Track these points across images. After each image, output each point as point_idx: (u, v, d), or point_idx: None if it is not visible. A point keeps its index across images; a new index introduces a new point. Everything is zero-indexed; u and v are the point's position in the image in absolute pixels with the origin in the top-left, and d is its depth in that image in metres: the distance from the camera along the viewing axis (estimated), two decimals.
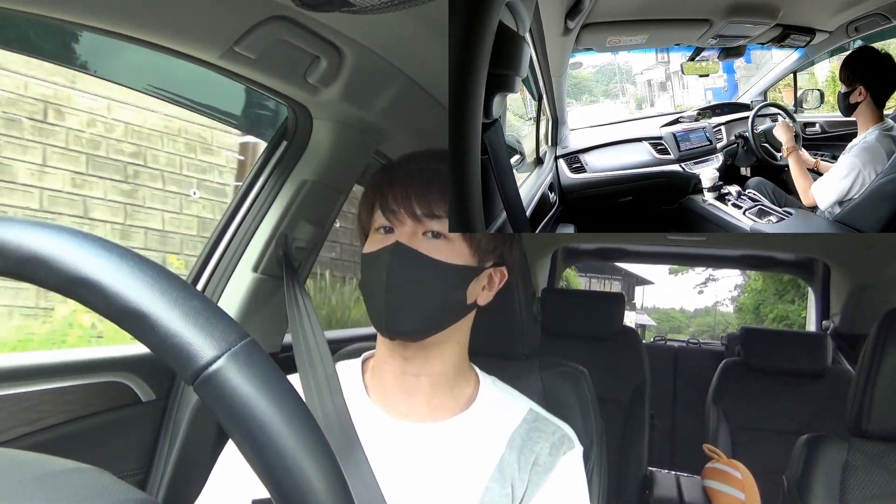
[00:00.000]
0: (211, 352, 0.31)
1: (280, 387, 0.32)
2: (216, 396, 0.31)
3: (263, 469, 0.31)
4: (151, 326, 0.31)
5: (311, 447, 0.31)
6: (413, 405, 0.80)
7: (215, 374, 0.31)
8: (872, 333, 1.15)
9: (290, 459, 0.31)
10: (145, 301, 0.31)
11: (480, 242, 0.78)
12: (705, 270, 15.22)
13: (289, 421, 0.31)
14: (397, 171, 0.79)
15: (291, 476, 0.31)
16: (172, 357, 0.31)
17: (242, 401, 0.31)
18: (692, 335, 8.87)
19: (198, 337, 0.31)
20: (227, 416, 0.31)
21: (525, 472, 0.78)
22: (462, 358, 0.84)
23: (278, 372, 0.33)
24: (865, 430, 1.12)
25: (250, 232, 1.22)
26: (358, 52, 1.03)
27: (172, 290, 0.32)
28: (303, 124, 1.21)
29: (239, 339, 0.32)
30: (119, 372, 1.06)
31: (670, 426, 3.14)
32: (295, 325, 0.90)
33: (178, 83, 1.33)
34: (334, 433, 0.74)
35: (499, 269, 0.82)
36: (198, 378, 0.31)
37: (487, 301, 0.83)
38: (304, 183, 1.23)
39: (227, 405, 0.31)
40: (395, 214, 0.76)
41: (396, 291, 0.75)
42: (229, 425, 0.31)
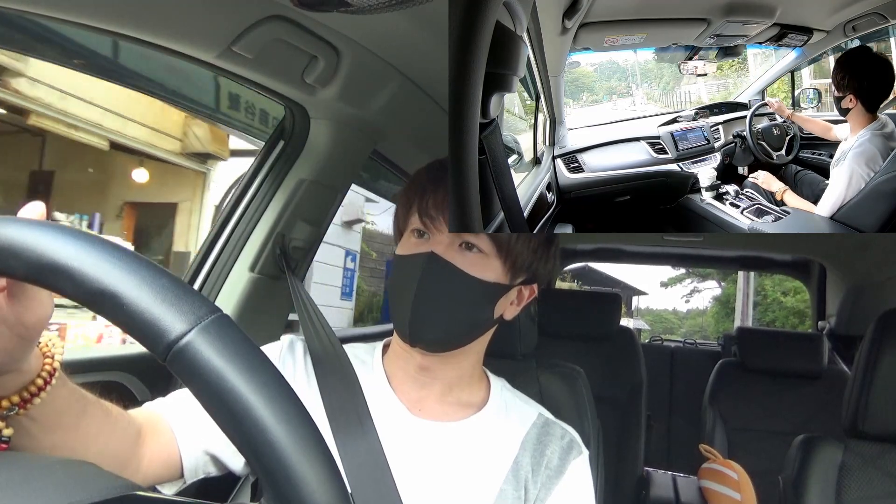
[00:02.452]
0: (181, 326, 0.31)
1: (253, 358, 0.32)
2: (188, 369, 0.31)
3: (240, 439, 0.31)
4: (121, 305, 0.31)
5: (286, 416, 0.31)
6: (425, 403, 0.80)
7: (186, 347, 0.31)
8: (868, 334, 1.15)
9: (264, 428, 0.30)
10: (113, 281, 0.31)
11: (516, 259, 0.76)
12: (695, 278, 15.47)
13: (262, 390, 0.31)
14: (440, 176, 0.77)
15: (268, 445, 0.30)
16: (144, 334, 0.31)
17: (214, 372, 0.31)
18: (685, 336, 8.92)
19: (167, 312, 0.31)
20: (200, 389, 0.31)
21: (538, 475, 0.78)
22: (477, 364, 0.84)
23: (251, 344, 0.33)
24: (861, 431, 1.12)
25: (247, 231, 1.22)
26: (355, 51, 1.03)
27: (140, 269, 0.32)
28: (300, 124, 1.21)
29: (209, 314, 0.32)
30: (115, 371, 1.05)
31: (667, 426, 3.15)
32: (305, 322, 0.90)
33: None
34: (350, 420, 0.73)
35: (529, 286, 0.81)
36: (169, 353, 0.31)
37: (514, 315, 0.82)
38: (301, 182, 1.23)
39: (199, 377, 0.31)
40: (433, 220, 0.75)
41: (425, 302, 0.74)
42: (203, 397, 0.31)
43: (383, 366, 0.84)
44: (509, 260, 0.76)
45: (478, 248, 0.75)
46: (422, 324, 0.75)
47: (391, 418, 0.78)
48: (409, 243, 0.77)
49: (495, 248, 0.75)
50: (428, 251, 0.74)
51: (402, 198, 0.81)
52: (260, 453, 0.30)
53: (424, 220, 0.76)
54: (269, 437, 0.30)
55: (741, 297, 11.51)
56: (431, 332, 0.76)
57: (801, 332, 3.20)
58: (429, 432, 0.78)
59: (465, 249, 0.75)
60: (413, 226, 0.77)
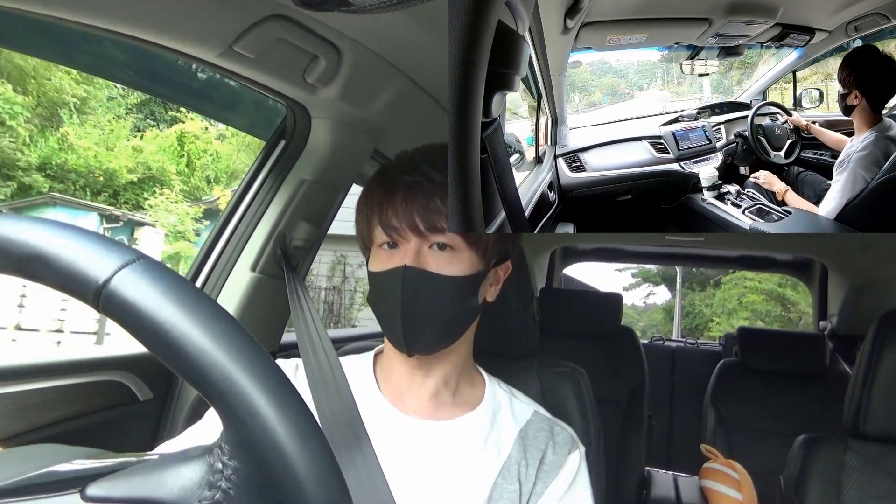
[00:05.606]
0: (109, 268, 0.31)
1: (183, 287, 0.32)
2: (121, 309, 0.31)
3: (183, 369, 0.31)
4: (48, 265, 0.32)
5: (225, 337, 0.31)
6: (420, 402, 0.80)
7: (116, 288, 0.31)
8: (870, 334, 1.15)
9: (203, 350, 0.30)
10: (36, 245, 0.32)
11: (486, 245, 0.77)
12: (650, 284, 17.25)
13: (197, 316, 0.31)
14: (392, 184, 0.77)
15: (211, 367, 0.30)
16: (74, 287, 0.32)
17: (146, 306, 0.31)
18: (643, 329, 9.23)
19: (94, 260, 0.32)
20: (136, 326, 0.31)
21: (533, 470, 0.79)
22: (468, 355, 0.85)
23: (180, 277, 0.33)
24: (863, 431, 1.12)
25: (248, 231, 1.22)
26: (356, 51, 1.03)
27: (64, 230, 0.33)
28: (301, 123, 1.21)
29: (138, 257, 0.32)
30: (117, 371, 1.06)
31: (668, 426, 3.14)
32: (299, 322, 0.90)
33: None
34: (342, 426, 0.73)
35: (503, 265, 0.82)
36: (101, 297, 0.31)
37: (495, 296, 0.83)
38: (302, 182, 1.23)
39: (132, 314, 0.31)
40: (397, 231, 0.75)
41: (412, 315, 0.74)
42: (140, 334, 0.31)
43: (375, 369, 0.84)
44: (480, 247, 0.76)
45: (449, 246, 0.75)
46: (415, 334, 0.75)
47: (385, 420, 0.78)
48: (379, 258, 0.77)
49: (465, 241, 0.75)
50: (401, 265, 0.73)
51: (360, 214, 0.80)
52: (205, 378, 0.30)
53: (389, 232, 0.75)
54: (210, 359, 0.30)
55: (677, 307, 14.60)
56: (426, 339, 0.76)
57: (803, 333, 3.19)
58: (424, 432, 0.78)
59: (438, 250, 0.75)
60: (379, 239, 0.77)
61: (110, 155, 10.52)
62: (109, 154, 10.50)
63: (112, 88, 10.83)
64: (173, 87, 1.31)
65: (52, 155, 9.79)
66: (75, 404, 0.99)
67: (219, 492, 0.31)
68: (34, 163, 9.42)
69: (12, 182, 9.15)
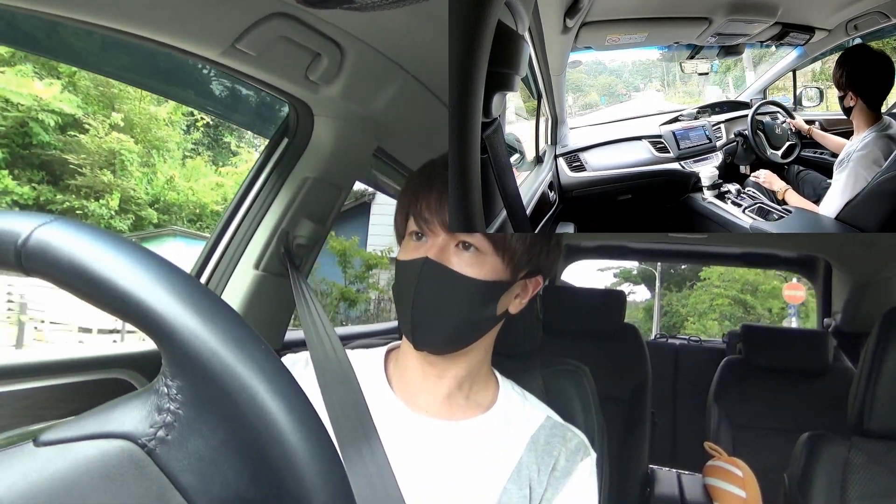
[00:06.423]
0: (28, 227, 0.32)
1: (105, 234, 0.32)
2: (42, 261, 0.31)
3: (111, 305, 0.31)
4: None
5: (151, 275, 0.31)
6: (433, 402, 0.80)
7: (38, 242, 0.31)
8: (874, 331, 1.15)
9: (130, 289, 0.31)
10: None
11: (515, 255, 0.76)
12: (631, 284, 18.06)
13: (121, 258, 0.31)
14: (433, 178, 0.77)
15: (138, 303, 0.31)
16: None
17: (71, 252, 0.31)
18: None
19: (12, 222, 0.32)
20: (63, 276, 0.31)
21: (545, 475, 0.78)
22: (485, 361, 0.84)
23: (100, 228, 0.33)
24: (867, 429, 1.12)
25: (252, 229, 1.22)
26: (359, 49, 1.03)
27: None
28: (304, 121, 1.21)
29: (54, 219, 0.33)
30: (120, 369, 1.06)
31: (671, 424, 3.14)
32: (305, 318, 0.90)
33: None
34: (350, 422, 0.72)
35: (534, 279, 0.81)
36: (22, 255, 0.31)
37: (519, 309, 0.82)
38: (305, 180, 1.23)
39: (54, 264, 0.31)
40: (427, 223, 0.75)
41: (424, 307, 0.74)
42: (64, 283, 0.31)
43: (387, 366, 0.84)
44: (507, 255, 0.76)
45: (475, 247, 0.75)
46: (424, 328, 0.75)
47: (394, 416, 0.78)
48: (408, 247, 0.78)
49: (492, 245, 0.75)
50: (423, 257, 0.74)
51: (399, 202, 0.81)
52: (136, 313, 0.31)
53: (420, 223, 0.76)
54: (138, 289, 0.31)
55: (656, 307, 15.76)
56: (434, 336, 0.76)
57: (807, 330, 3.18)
58: (435, 431, 0.78)
59: (462, 249, 0.75)
60: (410, 229, 0.78)
61: (199, 191, 12.34)
62: (199, 190, 12.35)
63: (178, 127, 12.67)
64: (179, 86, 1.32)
65: (160, 192, 11.69)
66: (79, 402, 0.99)
67: (168, 414, 0.31)
68: (146, 200, 11.33)
69: (130, 215, 10.96)
